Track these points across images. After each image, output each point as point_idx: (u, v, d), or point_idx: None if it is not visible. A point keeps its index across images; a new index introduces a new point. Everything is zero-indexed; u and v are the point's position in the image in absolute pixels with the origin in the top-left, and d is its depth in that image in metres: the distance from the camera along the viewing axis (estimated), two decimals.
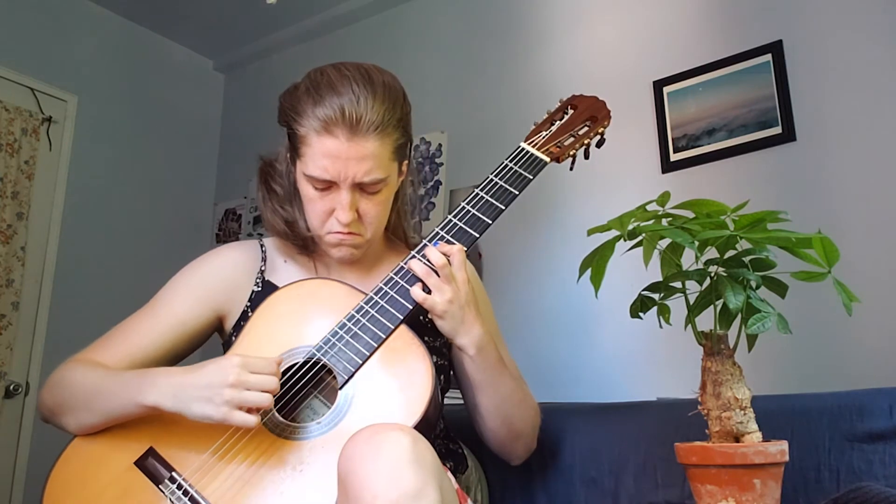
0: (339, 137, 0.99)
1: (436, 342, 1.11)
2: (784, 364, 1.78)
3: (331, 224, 1.06)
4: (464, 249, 1.03)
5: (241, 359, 0.90)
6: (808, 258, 0.86)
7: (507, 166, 1.11)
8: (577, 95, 1.22)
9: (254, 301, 1.11)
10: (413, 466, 0.73)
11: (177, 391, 0.90)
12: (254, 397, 0.88)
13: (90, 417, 0.97)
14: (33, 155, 2.84)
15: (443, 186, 2.73)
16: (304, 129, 1.02)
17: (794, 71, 2.04)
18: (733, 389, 0.86)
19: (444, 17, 2.95)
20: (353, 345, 0.96)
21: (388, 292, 1.00)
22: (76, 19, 3.12)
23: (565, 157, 1.15)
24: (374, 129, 1.00)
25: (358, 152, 1.00)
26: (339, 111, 0.99)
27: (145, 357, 1.06)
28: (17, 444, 2.67)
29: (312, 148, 1.01)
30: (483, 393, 1.07)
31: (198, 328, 1.11)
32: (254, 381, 0.88)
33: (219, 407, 0.87)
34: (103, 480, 0.93)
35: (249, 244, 1.20)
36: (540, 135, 1.15)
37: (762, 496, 0.80)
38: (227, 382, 0.87)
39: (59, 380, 1.02)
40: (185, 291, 1.12)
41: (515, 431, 1.12)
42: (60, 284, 2.89)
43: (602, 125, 1.18)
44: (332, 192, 1.04)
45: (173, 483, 0.90)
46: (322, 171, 1.01)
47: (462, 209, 1.07)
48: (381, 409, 0.93)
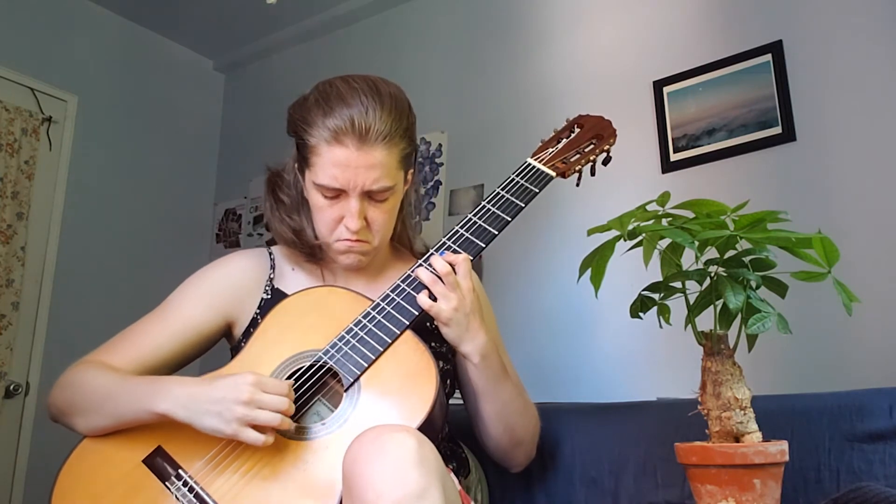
0: (348, 147, 1.02)
1: (442, 347, 1.12)
2: (784, 364, 1.78)
3: (339, 232, 1.08)
4: (469, 259, 1.05)
5: (256, 377, 0.90)
6: (808, 258, 0.86)
7: (514, 180, 1.13)
8: (584, 115, 1.25)
9: (263, 308, 1.13)
10: (417, 467, 0.74)
11: (189, 402, 0.92)
12: (265, 416, 0.88)
13: (100, 420, 0.98)
14: (33, 155, 2.84)
15: (443, 186, 2.73)
16: (314, 139, 1.04)
17: (795, 71, 2.04)
18: (733, 389, 0.86)
19: (444, 17, 2.95)
20: (360, 349, 0.98)
21: (394, 299, 1.02)
22: (76, 19, 3.12)
23: (571, 172, 1.18)
24: (383, 138, 1.03)
25: (367, 161, 1.03)
26: (348, 121, 1.02)
27: (154, 361, 1.08)
28: (17, 444, 2.67)
29: (322, 157, 1.03)
30: (486, 400, 1.08)
31: (207, 333, 1.13)
32: (266, 400, 0.89)
33: (229, 423, 0.88)
34: (112, 477, 0.94)
35: (258, 252, 1.22)
36: (546, 151, 1.18)
37: (762, 496, 0.80)
38: (240, 399, 0.88)
39: (71, 381, 1.03)
40: (195, 297, 1.14)
41: (516, 439, 1.13)
42: (60, 284, 2.89)
43: (608, 143, 1.21)
44: (341, 200, 1.06)
45: (179, 480, 0.92)
46: (332, 179, 1.03)
47: (469, 220, 1.09)
48: (384, 411, 0.94)
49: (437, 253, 1.05)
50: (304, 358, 1.00)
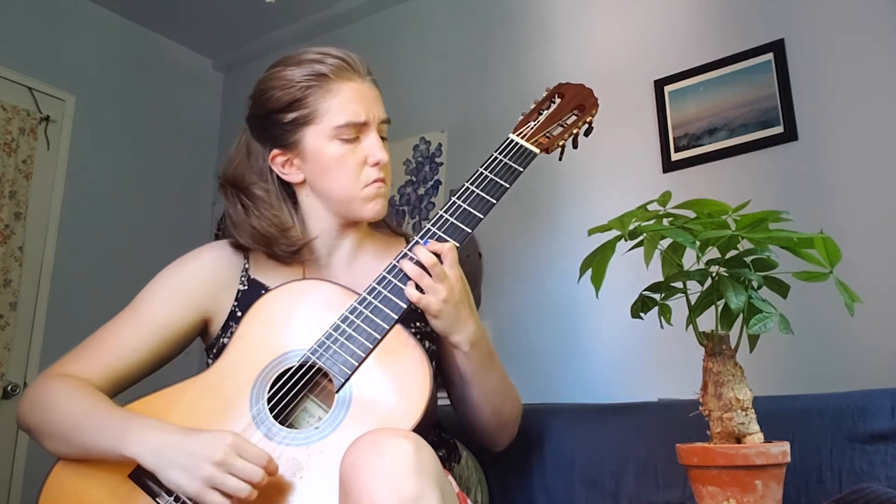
0: (356, 80, 1.07)
1: (426, 327, 1.09)
2: (786, 364, 1.78)
3: (365, 175, 1.08)
4: (455, 247, 1.01)
5: (236, 439, 0.85)
6: (810, 258, 0.86)
7: (497, 159, 1.09)
8: (564, 84, 1.20)
9: (241, 300, 1.09)
10: (415, 473, 0.73)
11: (159, 449, 0.86)
12: (233, 484, 0.82)
13: (68, 450, 0.94)
14: (31, 154, 2.83)
15: (443, 186, 2.73)
16: (314, 89, 1.05)
17: (796, 70, 2.03)
18: (735, 390, 0.86)
19: (443, 16, 2.94)
20: (349, 346, 0.95)
21: (381, 291, 0.99)
22: (75, 18, 3.11)
23: (554, 147, 1.13)
24: (370, 73, 1.10)
25: (373, 92, 1.09)
26: (342, 60, 1.06)
27: (127, 366, 1.03)
28: (15, 445, 2.66)
29: (339, 96, 1.05)
30: (474, 386, 1.07)
31: (181, 332, 1.08)
32: (240, 466, 0.83)
33: (194, 481, 0.83)
34: (98, 494, 0.90)
35: (230, 242, 1.16)
36: (528, 125, 1.14)
37: (764, 497, 0.80)
38: (213, 459, 0.83)
39: (41, 400, 0.98)
40: (166, 294, 1.08)
41: (502, 421, 1.13)
42: (58, 284, 2.89)
43: (590, 114, 1.16)
44: (360, 140, 1.07)
45: (170, 495, 0.88)
46: (355, 114, 1.05)
47: (453, 204, 1.05)
48: (379, 411, 0.92)
49: (422, 242, 1.01)
50: (290, 358, 0.96)
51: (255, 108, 1.11)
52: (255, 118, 1.12)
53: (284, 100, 1.06)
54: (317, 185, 1.10)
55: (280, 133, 1.08)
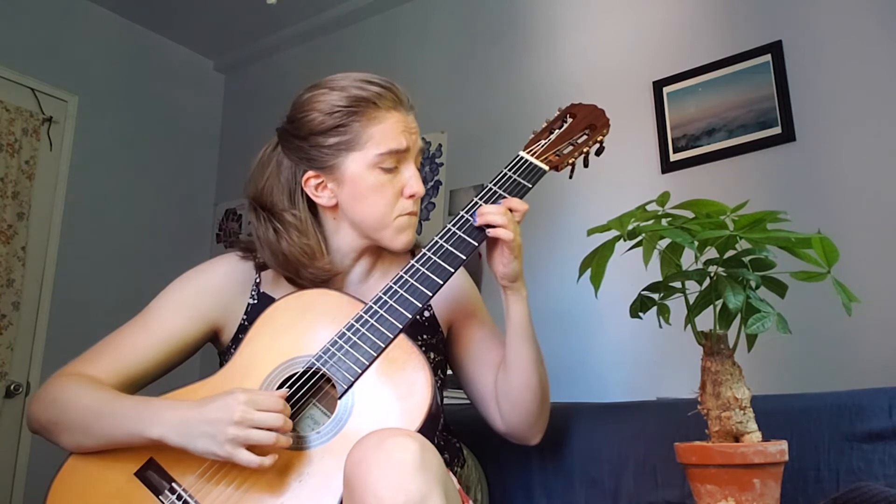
0: (400, 111, 1.08)
1: (433, 339, 1.11)
2: (784, 364, 1.78)
3: (400, 206, 1.09)
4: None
5: (247, 394, 0.87)
6: (808, 258, 0.86)
7: (506, 175, 1.11)
8: (576, 104, 1.22)
9: (250, 314, 1.11)
10: (419, 473, 0.73)
11: (182, 426, 0.88)
12: (258, 436, 0.85)
13: (88, 441, 0.95)
14: (34, 155, 2.84)
15: (443, 186, 2.73)
16: (359, 115, 1.05)
17: (794, 71, 2.04)
18: (733, 389, 0.87)
19: (444, 17, 2.95)
20: (353, 354, 0.95)
21: (387, 301, 0.99)
22: (76, 19, 3.12)
23: (564, 165, 1.15)
24: (412, 107, 1.11)
25: (415, 124, 1.10)
26: (390, 88, 1.07)
27: (137, 372, 1.05)
28: (18, 444, 2.67)
29: (383, 124, 1.05)
30: (525, 347, 1.08)
31: (190, 341, 1.10)
32: (259, 418, 0.85)
33: (222, 445, 0.85)
34: (105, 493, 0.92)
35: (243, 255, 1.17)
36: (539, 143, 1.15)
37: (762, 496, 0.80)
38: (232, 420, 0.85)
39: (54, 398, 0.99)
40: (178, 305, 1.10)
41: (545, 395, 1.11)
42: (61, 284, 2.89)
43: (601, 133, 1.17)
44: (398, 171, 1.08)
45: (173, 494, 0.89)
46: (398, 142, 1.06)
47: (460, 217, 1.06)
48: (380, 418, 0.92)
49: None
50: (296, 364, 0.97)
51: (295, 128, 1.08)
52: (292, 137, 1.09)
53: (328, 123, 1.05)
54: (349, 211, 1.09)
55: (318, 155, 1.07)
